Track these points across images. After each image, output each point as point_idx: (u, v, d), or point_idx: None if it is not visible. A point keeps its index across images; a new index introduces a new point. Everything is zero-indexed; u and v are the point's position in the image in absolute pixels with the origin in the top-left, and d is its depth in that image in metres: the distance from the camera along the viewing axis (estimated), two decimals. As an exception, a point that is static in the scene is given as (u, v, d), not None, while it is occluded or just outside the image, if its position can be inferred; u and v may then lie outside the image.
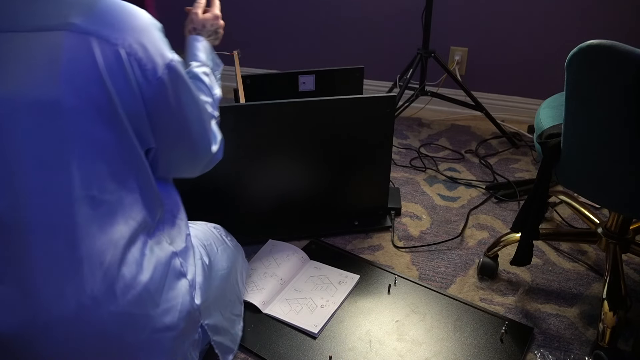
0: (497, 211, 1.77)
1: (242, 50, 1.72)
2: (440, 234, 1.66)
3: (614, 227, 1.35)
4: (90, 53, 0.79)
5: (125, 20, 0.84)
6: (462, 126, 2.36)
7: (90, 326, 0.82)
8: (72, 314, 0.80)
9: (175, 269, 0.95)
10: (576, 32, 2.18)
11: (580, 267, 1.51)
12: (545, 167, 1.17)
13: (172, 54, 0.90)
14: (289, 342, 1.25)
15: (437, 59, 2.17)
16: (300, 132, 1.49)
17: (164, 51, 0.88)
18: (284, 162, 1.54)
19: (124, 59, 0.81)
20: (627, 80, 0.92)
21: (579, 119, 1.05)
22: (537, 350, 1.24)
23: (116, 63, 0.81)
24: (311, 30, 2.60)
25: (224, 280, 1.16)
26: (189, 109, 0.95)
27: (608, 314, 1.19)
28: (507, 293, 1.41)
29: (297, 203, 1.62)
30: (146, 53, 0.84)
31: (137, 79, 0.83)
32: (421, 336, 1.27)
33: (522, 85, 2.37)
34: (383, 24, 2.45)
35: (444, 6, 2.29)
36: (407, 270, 1.50)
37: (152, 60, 0.85)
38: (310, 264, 1.50)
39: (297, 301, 1.36)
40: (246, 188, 1.55)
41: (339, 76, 1.75)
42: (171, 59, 0.89)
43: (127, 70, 0.82)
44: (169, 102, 0.89)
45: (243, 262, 1.36)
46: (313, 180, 1.59)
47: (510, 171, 2.00)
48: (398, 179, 1.95)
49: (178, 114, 0.93)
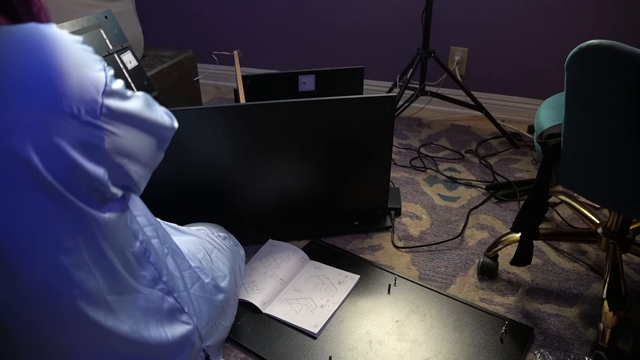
0: (497, 211, 1.77)
1: (242, 50, 1.72)
2: (440, 234, 1.66)
3: (614, 227, 1.35)
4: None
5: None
6: (462, 126, 2.37)
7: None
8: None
9: (173, 310, 0.95)
10: (576, 32, 2.18)
11: (580, 267, 1.51)
12: (545, 167, 1.17)
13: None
14: (288, 342, 1.25)
15: (437, 59, 2.17)
16: (300, 132, 1.49)
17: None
18: (284, 162, 1.54)
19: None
20: (627, 80, 0.92)
21: (579, 118, 1.05)
22: (537, 350, 1.24)
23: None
24: (311, 30, 2.61)
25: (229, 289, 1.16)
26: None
27: (608, 314, 1.19)
28: (507, 293, 1.41)
29: (297, 203, 1.62)
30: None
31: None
32: (421, 336, 1.27)
33: (522, 85, 2.37)
34: (383, 24, 2.45)
35: (444, 6, 2.29)
36: (407, 270, 1.50)
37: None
38: (310, 264, 1.50)
39: (297, 301, 1.36)
40: (246, 188, 1.55)
41: (339, 76, 1.76)
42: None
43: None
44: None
45: (241, 262, 1.36)
46: (313, 180, 1.59)
47: (510, 171, 2.00)
48: (398, 179, 1.95)
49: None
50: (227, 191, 1.54)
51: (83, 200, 0.74)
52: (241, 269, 1.34)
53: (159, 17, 2.84)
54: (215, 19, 2.77)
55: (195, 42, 2.77)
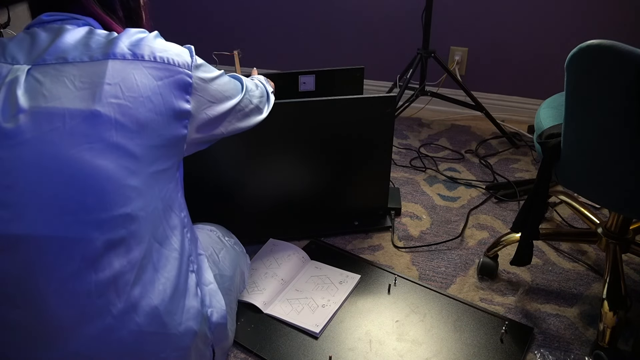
0: (497, 211, 1.77)
1: (242, 50, 1.71)
2: (440, 234, 1.66)
3: (614, 227, 1.35)
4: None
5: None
6: (462, 126, 2.37)
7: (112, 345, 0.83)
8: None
9: (191, 286, 0.95)
10: (576, 32, 2.18)
11: (580, 267, 1.51)
12: (545, 167, 1.17)
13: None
14: (289, 342, 1.25)
15: (437, 59, 2.17)
16: (300, 132, 1.49)
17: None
18: (284, 162, 1.54)
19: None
20: (627, 80, 0.92)
21: (579, 118, 1.05)
22: (537, 350, 1.24)
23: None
24: (311, 31, 2.61)
25: (229, 291, 1.16)
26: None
27: (608, 314, 1.19)
28: (507, 293, 1.41)
29: (297, 203, 1.62)
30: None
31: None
32: (421, 336, 1.27)
33: (522, 85, 2.37)
34: (383, 24, 2.45)
35: (444, 6, 2.29)
36: (407, 270, 1.50)
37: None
38: (311, 264, 1.50)
39: (299, 301, 1.36)
40: (246, 188, 1.55)
41: (339, 76, 1.76)
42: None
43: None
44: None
45: (245, 262, 1.36)
46: (313, 180, 1.59)
47: (510, 171, 2.00)
48: (398, 179, 1.95)
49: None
50: (227, 191, 1.54)
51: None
52: (244, 275, 1.35)
53: (159, 18, 2.84)
54: (215, 19, 2.77)
55: (195, 42, 2.76)
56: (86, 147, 0.78)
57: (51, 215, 0.77)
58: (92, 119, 0.78)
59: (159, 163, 0.86)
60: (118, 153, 0.80)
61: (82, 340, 0.80)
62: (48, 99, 0.79)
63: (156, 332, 0.86)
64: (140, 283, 0.84)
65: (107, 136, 0.79)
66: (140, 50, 0.85)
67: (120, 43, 0.85)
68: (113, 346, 0.82)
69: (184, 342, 0.91)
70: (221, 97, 1.00)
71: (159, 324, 0.86)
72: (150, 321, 0.85)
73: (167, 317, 0.87)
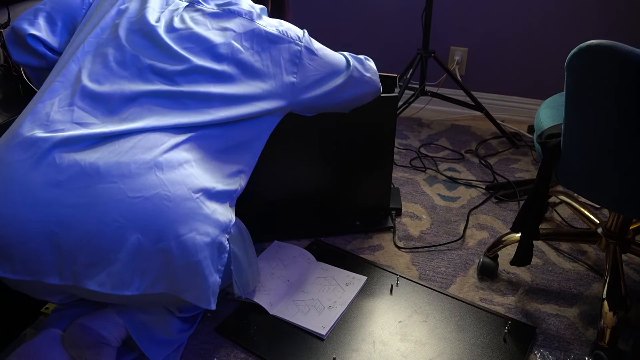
0: (497, 211, 1.77)
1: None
2: (440, 234, 1.66)
3: (614, 227, 1.35)
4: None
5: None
6: (462, 126, 2.37)
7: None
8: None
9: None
10: (576, 32, 2.18)
11: (580, 267, 1.51)
12: (545, 167, 1.17)
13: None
14: (293, 343, 1.26)
15: (437, 59, 2.17)
16: (301, 132, 1.50)
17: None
18: (285, 163, 1.54)
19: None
20: (627, 81, 0.92)
21: (579, 119, 1.06)
22: (537, 350, 1.25)
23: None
24: (311, 31, 2.60)
25: None
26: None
27: (608, 314, 1.19)
28: (507, 293, 1.42)
29: (298, 203, 1.62)
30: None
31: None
32: (424, 336, 1.27)
33: (522, 85, 2.37)
34: (383, 24, 2.45)
35: (444, 6, 2.29)
36: (407, 271, 1.50)
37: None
38: (317, 265, 1.50)
39: (305, 302, 1.36)
40: (246, 188, 1.55)
41: (339, 77, 1.75)
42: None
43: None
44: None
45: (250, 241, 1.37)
46: (314, 181, 1.59)
47: (510, 171, 2.00)
48: (398, 179, 1.96)
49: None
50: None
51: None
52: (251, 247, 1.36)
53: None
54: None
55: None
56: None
57: None
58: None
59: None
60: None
61: None
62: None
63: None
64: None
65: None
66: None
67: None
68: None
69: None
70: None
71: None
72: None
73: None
